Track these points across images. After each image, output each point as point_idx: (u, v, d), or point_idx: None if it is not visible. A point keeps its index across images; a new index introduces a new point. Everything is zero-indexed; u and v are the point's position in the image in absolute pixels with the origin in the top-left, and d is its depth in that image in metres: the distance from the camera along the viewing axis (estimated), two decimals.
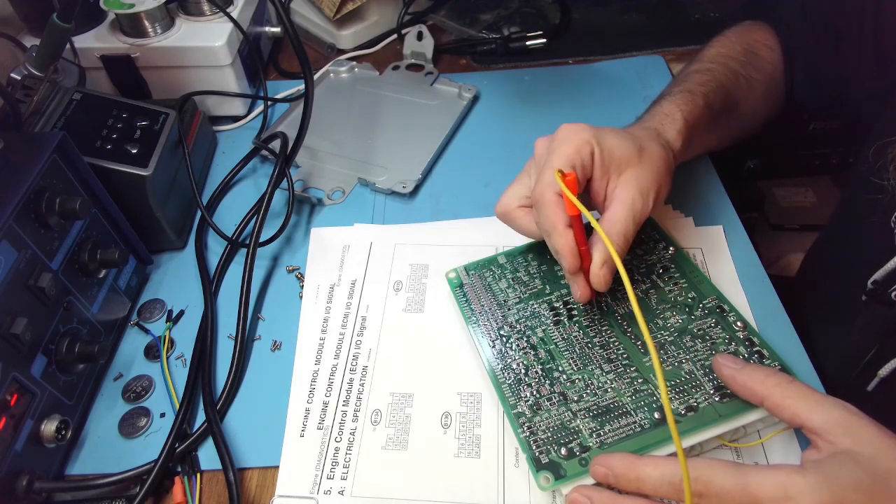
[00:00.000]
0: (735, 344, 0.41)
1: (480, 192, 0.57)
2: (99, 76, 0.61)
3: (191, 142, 0.56)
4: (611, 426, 0.38)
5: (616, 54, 0.72)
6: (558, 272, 0.47)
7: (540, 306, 0.45)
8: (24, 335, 0.36)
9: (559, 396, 0.40)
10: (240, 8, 0.64)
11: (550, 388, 0.41)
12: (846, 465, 0.31)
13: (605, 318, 0.44)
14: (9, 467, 0.36)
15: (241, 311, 0.48)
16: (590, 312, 0.44)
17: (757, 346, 0.41)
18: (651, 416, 0.39)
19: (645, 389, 0.40)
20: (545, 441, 0.38)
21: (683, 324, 0.43)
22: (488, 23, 0.75)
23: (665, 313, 0.44)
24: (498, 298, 0.46)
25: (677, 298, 0.45)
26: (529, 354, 0.43)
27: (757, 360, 0.40)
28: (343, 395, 0.44)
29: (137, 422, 0.43)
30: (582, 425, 0.39)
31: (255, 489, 0.41)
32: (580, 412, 0.39)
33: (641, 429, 0.38)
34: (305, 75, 0.51)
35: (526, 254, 0.49)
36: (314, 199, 0.58)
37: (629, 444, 0.37)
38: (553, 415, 0.39)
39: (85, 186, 0.44)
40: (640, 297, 0.45)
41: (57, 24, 0.48)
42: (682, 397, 0.39)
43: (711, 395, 0.39)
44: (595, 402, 0.40)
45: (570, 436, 0.38)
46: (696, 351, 0.41)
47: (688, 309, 0.44)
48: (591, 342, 0.43)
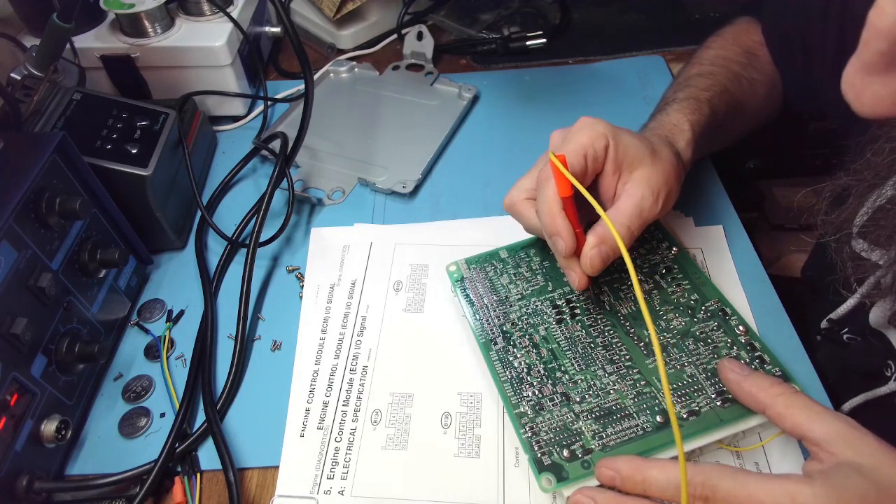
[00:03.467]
0: (737, 348, 0.41)
1: (480, 192, 0.57)
2: (99, 76, 0.61)
3: (191, 142, 0.56)
4: (613, 429, 0.38)
5: (616, 54, 0.72)
6: (561, 269, 0.47)
7: (542, 304, 0.45)
8: (24, 335, 0.36)
9: (562, 397, 0.40)
10: (240, 8, 0.64)
11: (553, 389, 0.40)
12: (851, 476, 0.31)
13: (607, 318, 0.44)
14: (9, 467, 0.36)
15: (241, 311, 0.48)
16: (592, 312, 0.44)
17: (758, 352, 0.41)
18: (654, 419, 0.39)
19: (647, 392, 0.40)
20: (547, 442, 0.38)
21: (686, 326, 0.43)
22: (488, 23, 0.75)
23: (668, 315, 0.44)
24: (499, 294, 0.46)
25: (680, 300, 0.45)
26: (532, 353, 0.42)
27: (758, 366, 0.40)
28: (343, 395, 0.44)
29: (137, 422, 0.43)
30: (584, 427, 0.39)
31: (255, 489, 0.41)
32: (583, 413, 0.39)
33: (644, 432, 0.38)
34: (305, 75, 0.51)
35: (528, 249, 0.49)
36: (314, 199, 0.58)
37: (631, 448, 0.37)
38: (555, 416, 0.39)
39: (85, 186, 0.44)
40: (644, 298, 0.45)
41: (57, 24, 0.48)
42: (684, 401, 0.39)
43: (713, 399, 0.39)
44: (598, 403, 0.40)
45: (573, 437, 0.38)
46: (699, 354, 0.41)
47: (690, 311, 0.44)
48: (594, 342, 0.43)
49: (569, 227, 0.39)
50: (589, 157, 0.40)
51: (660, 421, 0.38)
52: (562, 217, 0.39)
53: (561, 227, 0.39)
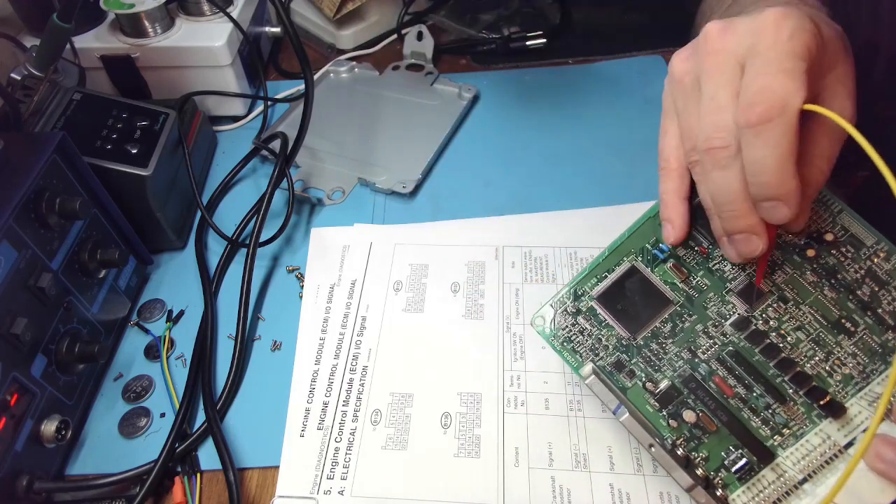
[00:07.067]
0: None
1: (480, 192, 0.57)
2: (99, 76, 0.61)
3: (191, 142, 0.56)
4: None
5: (616, 54, 0.72)
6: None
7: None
8: (24, 335, 0.36)
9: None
10: (240, 8, 0.64)
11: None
12: None
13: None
14: (9, 467, 0.36)
15: (241, 311, 0.48)
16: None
17: None
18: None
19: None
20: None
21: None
22: (488, 23, 0.75)
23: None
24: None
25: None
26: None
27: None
28: (343, 395, 0.44)
29: (137, 422, 0.43)
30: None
31: (255, 489, 0.41)
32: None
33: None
34: (305, 75, 0.51)
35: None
36: (314, 199, 0.58)
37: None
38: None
39: (85, 186, 0.44)
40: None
41: (57, 24, 0.48)
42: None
43: None
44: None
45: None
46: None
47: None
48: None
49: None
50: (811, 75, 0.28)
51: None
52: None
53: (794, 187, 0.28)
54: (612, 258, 0.38)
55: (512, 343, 0.46)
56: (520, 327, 0.47)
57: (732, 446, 0.34)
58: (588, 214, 0.54)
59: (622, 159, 0.59)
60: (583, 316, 0.38)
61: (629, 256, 0.38)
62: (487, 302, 0.48)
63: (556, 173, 0.59)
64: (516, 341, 0.46)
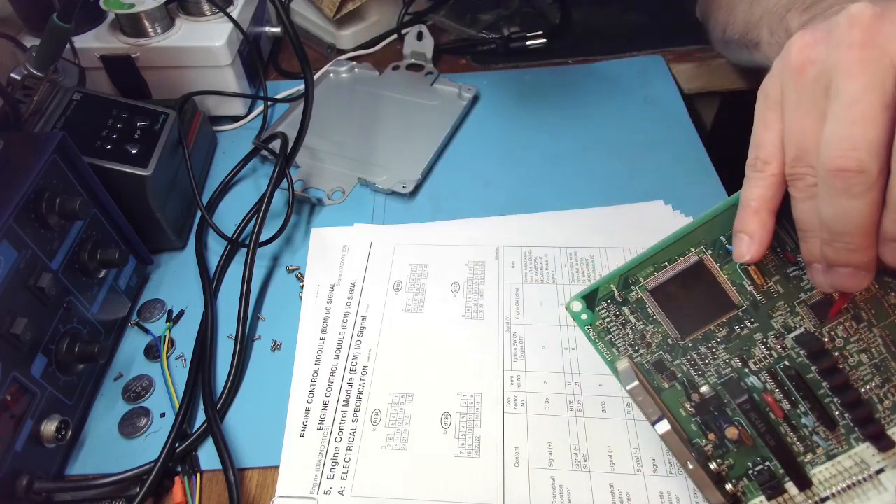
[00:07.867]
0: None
1: (480, 192, 0.57)
2: (99, 76, 0.61)
3: (191, 142, 0.56)
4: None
5: (616, 54, 0.72)
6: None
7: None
8: (24, 335, 0.36)
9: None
10: (240, 8, 0.64)
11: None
12: None
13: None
14: (9, 467, 0.36)
15: (241, 311, 0.48)
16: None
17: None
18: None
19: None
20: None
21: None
22: (488, 23, 0.75)
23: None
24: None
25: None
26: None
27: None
28: (343, 395, 0.44)
29: (137, 422, 0.43)
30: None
31: (255, 489, 0.41)
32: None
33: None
34: (305, 75, 0.51)
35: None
36: (314, 199, 0.58)
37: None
38: None
39: (85, 186, 0.44)
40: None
41: (57, 24, 0.48)
42: None
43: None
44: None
45: None
46: None
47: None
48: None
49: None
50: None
51: None
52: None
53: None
54: (678, 247, 0.32)
55: (512, 343, 0.46)
56: (520, 327, 0.47)
57: (760, 457, 0.33)
58: (588, 214, 0.54)
59: (622, 159, 0.59)
60: (629, 307, 0.34)
61: (697, 248, 0.32)
62: (487, 302, 0.48)
63: (556, 173, 0.59)
64: (516, 341, 0.46)
